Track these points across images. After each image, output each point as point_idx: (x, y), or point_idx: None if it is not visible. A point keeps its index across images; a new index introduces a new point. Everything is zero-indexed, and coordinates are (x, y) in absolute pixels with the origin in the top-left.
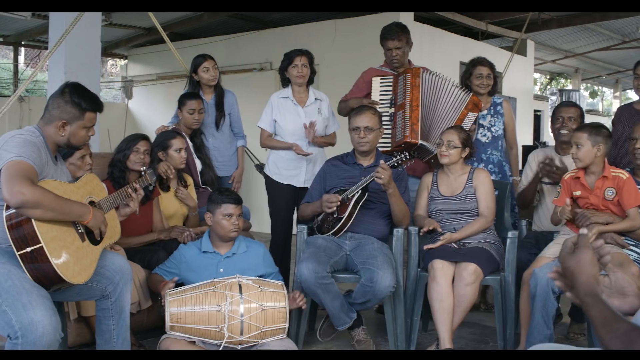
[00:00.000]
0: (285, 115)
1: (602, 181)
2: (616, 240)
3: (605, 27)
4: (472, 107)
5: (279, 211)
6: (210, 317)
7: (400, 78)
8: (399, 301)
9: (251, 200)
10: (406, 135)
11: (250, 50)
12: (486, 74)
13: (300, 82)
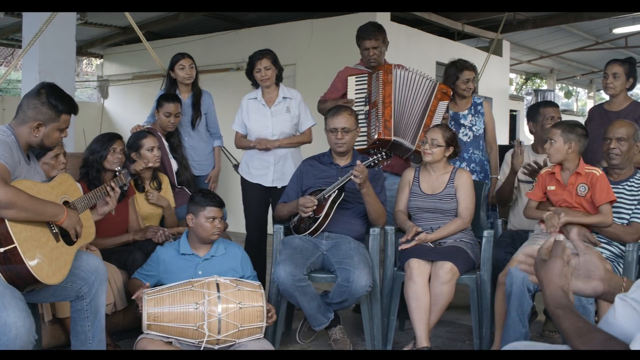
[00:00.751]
0: (251, 116)
1: (576, 177)
2: (588, 238)
3: (579, 28)
4: (441, 96)
5: (251, 210)
6: (188, 315)
7: (373, 75)
8: (375, 300)
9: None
10: (379, 133)
11: (226, 49)
12: (472, 78)
13: (266, 85)
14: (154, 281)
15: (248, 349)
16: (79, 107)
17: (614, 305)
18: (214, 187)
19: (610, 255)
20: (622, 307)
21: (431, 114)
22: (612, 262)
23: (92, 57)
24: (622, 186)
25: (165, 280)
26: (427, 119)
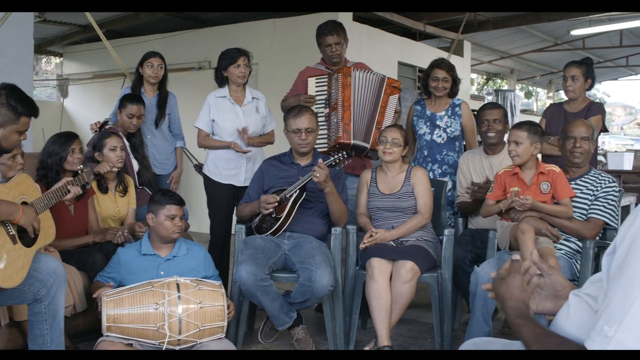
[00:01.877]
0: (223, 114)
1: (538, 176)
2: (551, 232)
3: (538, 29)
4: (390, 90)
5: (219, 211)
6: (148, 316)
7: (333, 78)
8: (337, 300)
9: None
10: (339, 137)
11: (188, 49)
12: (442, 77)
13: (241, 82)
14: (116, 283)
15: (209, 349)
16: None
17: (568, 302)
18: (176, 187)
19: (569, 251)
20: (575, 302)
21: (382, 109)
22: (570, 258)
23: (51, 55)
24: (576, 183)
25: (127, 282)
26: (379, 115)
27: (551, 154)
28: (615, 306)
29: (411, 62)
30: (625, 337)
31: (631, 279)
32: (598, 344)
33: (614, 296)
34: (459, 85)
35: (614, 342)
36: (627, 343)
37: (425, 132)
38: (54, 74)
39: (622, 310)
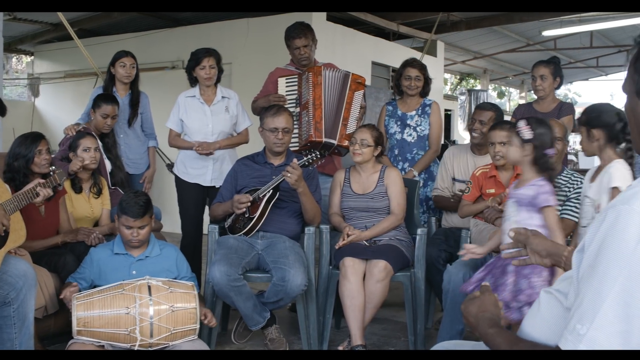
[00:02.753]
0: (191, 114)
1: (516, 178)
2: None
3: (510, 30)
4: (355, 86)
5: (188, 210)
6: (119, 320)
7: (303, 77)
8: (311, 299)
9: (163, 201)
10: (310, 135)
11: (161, 48)
12: (414, 76)
13: (209, 84)
14: (88, 282)
15: (182, 349)
16: (8, 106)
17: (538, 299)
18: (149, 187)
19: None
20: (546, 299)
21: (348, 106)
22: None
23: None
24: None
25: (99, 281)
26: (345, 111)
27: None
28: (587, 305)
29: (385, 62)
30: (597, 335)
31: (602, 278)
32: (571, 342)
33: (586, 295)
34: (431, 85)
35: (586, 339)
36: (599, 340)
37: (396, 131)
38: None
39: (594, 309)
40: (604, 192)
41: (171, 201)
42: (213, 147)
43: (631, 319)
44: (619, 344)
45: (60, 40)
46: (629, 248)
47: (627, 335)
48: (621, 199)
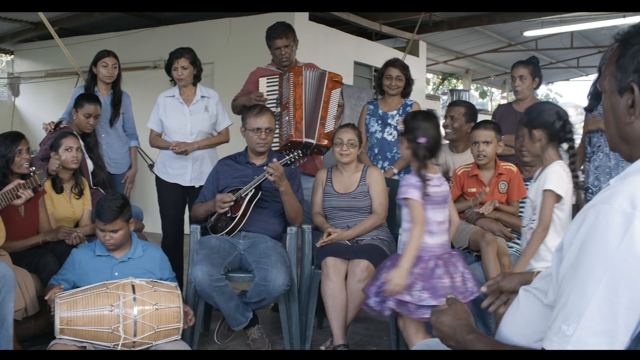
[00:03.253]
0: (170, 114)
1: (498, 177)
2: (504, 233)
3: (492, 30)
4: (332, 84)
5: (168, 210)
6: (103, 318)
7: (284, 77)
8: (293, 299)
9: (145, 201)
10: (291, 135)
11: (143, 47)
12: (395, 76)
13: (183, 84)
14: (70, 284)
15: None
16: None
17: (518, 297)
18: (130, 187)
19: (520, 249)
20: (525, 297)
21: (325, 105)
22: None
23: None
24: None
25: (81, 283)
26: (322, 110)
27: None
28: (572, 305)
29: (367, 62)
30: (584, 335)
31: (586, 278)
32: (557, 344)
33: (570, 295)
34: (412, 85)
35: (574, 340)
36: (586, 341)
37: (377, 130)
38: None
39: (579, 309)
40: (539, 194)
41: (153, 201)
42: (192, 147)
43: (616, 317)
44: (605, 343)
45: (40, 39)
46: (611, 247)
47: (612, 334)
48: (601, 199)
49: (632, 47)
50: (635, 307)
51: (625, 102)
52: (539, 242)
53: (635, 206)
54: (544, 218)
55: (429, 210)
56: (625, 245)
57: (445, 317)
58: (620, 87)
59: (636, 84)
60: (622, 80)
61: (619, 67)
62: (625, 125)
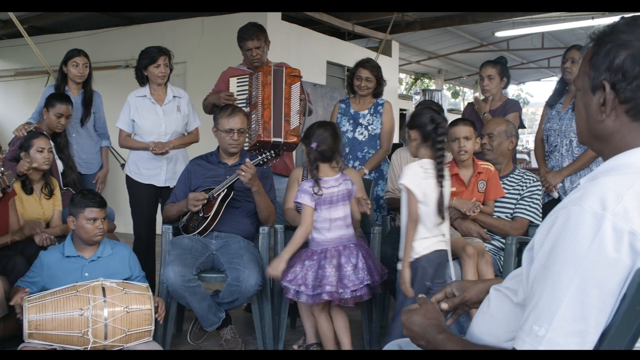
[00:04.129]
0: (143, 114)
1: (477, 177)
2: (481, 234)
3: (464, 30)
4: (290, 80)
5: (141, 211)
6: (72, 322)
7: (254, 77)
8: (266, 299)
9: (117, 201)
10: (259, 135)
11: (115, 46)
12: (365, 77)
13: (161, 82)
14: (38, 287)
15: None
16: None
17: (488, 296)
18: (102, 187)
19: (493, 248)
20: (496, 296)
21: (287, 101)
22: (494, 255)
23: None
24: (503, 182)
25: (50, 285)
26: (285, 107)
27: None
28: (544, 306)
29: (340, 62)
30: (556, 336)
31: (557, 279)
32: (529, 344)
33: (542, 296)
34: (384, 86)
35: (546, 341)
36: (558, 341)
37: (348, 130)
38: None
39: (551, 310)
40: (403, 190)
41: (124, 202)
42: (167, 146)
43: (587, 318)
44: (576, 343)
45: (9, 37)
46: (582, 248)
47: (583, 334)
48: (571, 200)
49: (605, 45)
50: (605, 307)
51: (597, 100)
52: (412, 232)
53: (605, 207)
54: (410, 211)
55: (324, 210)
56: (596, 247)
57: (416, 316)
58: (593, 85)
59: (607, 82)
60: (594, 78)
61: (593, 65)
62: (597, 123)
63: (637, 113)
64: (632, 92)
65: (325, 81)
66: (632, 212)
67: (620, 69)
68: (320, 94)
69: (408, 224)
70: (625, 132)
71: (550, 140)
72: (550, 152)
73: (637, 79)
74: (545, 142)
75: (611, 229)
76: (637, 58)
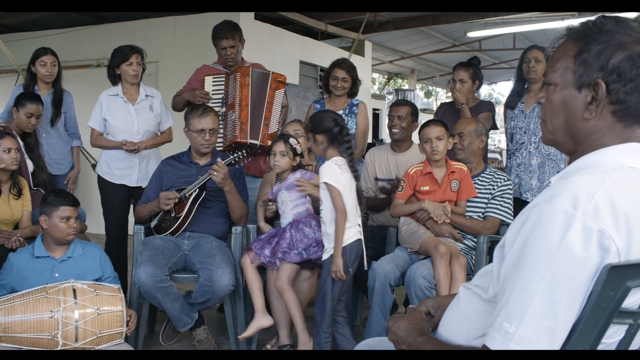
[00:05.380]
0: (115, 113)
1: (450, 176)
2: (453, 234)
3: (437, 30)
4: (276, 85)
5: (113, 211)
6: (42, 324)
7: (231, 77)
8: (239, 299)
9: (89, 202)
10: (235, 135)
11: (86, 45)
12: (341, 77)
13: (134, 81)
14: (8, 289)
15: None
16: None
17: (458, 294)
18: (73, 188)
19: (465, 248)
20: (465, 294)
21: (269, 105)
22: (466, 254)
23: None
24: (474, 181)
25: (19, 287)
26: (266, 111)
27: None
28: (514, 303)
29: (313, 62)
30: (526, 333)
31: (528, 277)
32: (499, 341)
33: (512, 294)
34: (359, 86)
35: (516, 338)
36: (529, 338)
37: None
38: None
39: (522, 307)
40: (322, 187)
41: (96, 202)
42: (141, 145)
43: (557, 315)
44: (546, 340)
45: None
46: (553, 247)
47: (553, 331)
48: (544, 199)
49: (597, 44)
50: (574, 304)
51: (583, 97)
52: (343, 223)
53: (576, 207)
54: (337, 205)
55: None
56: (565, 245)
57: (402, 322)
58: (580, 83)
59: (603, 82)
60: (583, 75)
61: (582, 62)
62: (580, 120)
63: (624, 115)
64: (624, 95)
65: (298, 81)
66: (602, 211)
67: (617, 70)
68: (293, 94)
69: (337, 216)
70: (605, 132)
71: (515, 139)
72: (515, 150)
73: (633, 82)
74: (509, 141)
75: (581, 227)
76: (635, 61)
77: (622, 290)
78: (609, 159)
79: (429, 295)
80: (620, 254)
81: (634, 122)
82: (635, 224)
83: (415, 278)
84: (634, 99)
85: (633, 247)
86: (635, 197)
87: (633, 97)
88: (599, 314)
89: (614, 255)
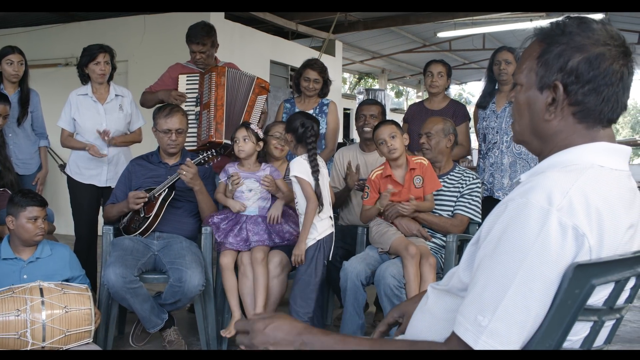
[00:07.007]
0: (84, 113)
1: (411, 173)
2: (421, 233)
3: (407, 31)
4: (259, 90)
5: (82, 212)
6: (9, 324)
7: (206, 77)
8: (209, 299)
9: (57, 202)
10: (211, 135)
11: (54, 44)
12: (313, 79)
13: (102, 80)
14: None
15: None
16: None
17: (427, 294)
18: (42, 189)
19: (435, 247)
20: (434, 294)
21: (249, 109)
22: (436, 253)
23: None
24: (443, 179)
25: None
26: (246, 114)
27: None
28: (488, 296)
29: (283, 61)
30: (498, 326)
31: (502, 271)
32: (472, 333)
33: (486, 287)
34: (330, 86)
35: (488, 331)
36: (501, 332)
37: None
38: None
39: (495, 300)
40: (294, 182)
41: (65, 203)
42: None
43: (529, 310)
44: (516, 334)
45: None
46: (528, 241)
47: (523, 325)
48: (519, 193)
49: (558, 45)
50: (546, 299)
51: (545, 99)
52: (313, 213)
53: (551, 202)
54: (308, 196)
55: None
56: (541, 241)
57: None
58: (541, 84)
59: (560, 83)
60: (544, 77)
61: (543, 63)
62: (542, 122)
63: (584, 117)
64: (582, 96)
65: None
66: (576, 207)
67: (574, 72)
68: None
69: (308, 206)
70: (569, 133)
71: (488, 139)
72: (488, 149)
73: (590, 83)
74: (482, 141)
75: (556, 223)
76: (592, 63)
77: (587, 288)
78: (579, 157)
79: (398, 294)
80: (592, 251)
81: (594, 123)
82: (606, 221)
83: (384, 277)
84: (592, 100)
85: (604, 245)
86: (606, 195)
87: (591, 98)
88: (564, 311)
89: (586, 252)
